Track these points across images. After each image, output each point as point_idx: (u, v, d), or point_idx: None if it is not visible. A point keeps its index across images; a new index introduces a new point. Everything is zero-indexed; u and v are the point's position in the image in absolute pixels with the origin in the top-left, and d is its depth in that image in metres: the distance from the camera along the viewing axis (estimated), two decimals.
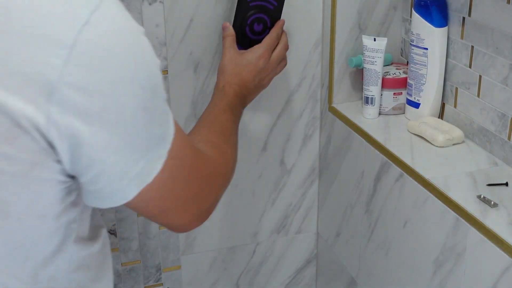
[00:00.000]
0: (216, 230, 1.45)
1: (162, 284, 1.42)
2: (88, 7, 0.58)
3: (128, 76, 0.61)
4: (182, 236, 1.41)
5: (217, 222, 1.44)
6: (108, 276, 0.79)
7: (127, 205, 0.69)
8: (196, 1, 1.23)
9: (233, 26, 1.18)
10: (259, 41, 1.17)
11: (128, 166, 0.65)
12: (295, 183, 1.46)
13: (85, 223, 0.73)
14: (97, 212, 0.77)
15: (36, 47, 0.56)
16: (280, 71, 1.20)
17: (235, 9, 1.20)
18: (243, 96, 1.10)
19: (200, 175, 0.78)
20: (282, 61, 1.19)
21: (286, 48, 1.19)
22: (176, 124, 0.71)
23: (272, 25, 1.19)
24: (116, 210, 1.31)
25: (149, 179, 0.67)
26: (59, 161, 0.62)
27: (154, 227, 1.36)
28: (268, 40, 1.16)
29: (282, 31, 1.19)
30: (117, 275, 1.36)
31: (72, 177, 0.66)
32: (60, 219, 0.68)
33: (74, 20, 0.57)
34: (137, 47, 0.63)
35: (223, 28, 1.17)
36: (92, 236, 0.75)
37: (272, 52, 1.16)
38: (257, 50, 1.14)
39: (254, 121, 1.36)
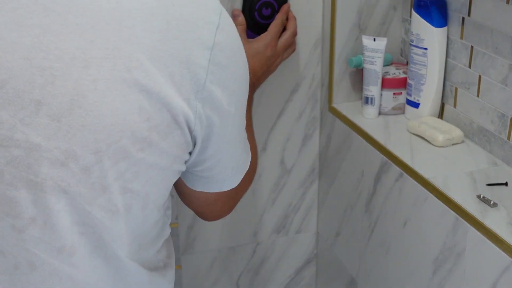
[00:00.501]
0: (216, 230, 1.45)
1: None
2: (216, 11, 0.66)
3: (241, 71, 0.70)
4: (182, 236, 1.41)
5: (217, 222, 1.44)
6: (173, 250, 0.85)
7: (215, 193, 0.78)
8: None
9: (242, 11, 1.21)
10: (268, 25, 1.20)
11: (238, 155, 0.74)
12: (295, 183, 1.46)
13: (171, 208, 0.80)
14: None
15: (191, 50, 0.63)
16: (287, 57, 1.23)
17: None
18: (253, 84, 1.13)
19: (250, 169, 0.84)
20: (290, 47, 1.23)
21: (294, 34, 1.22)
22: None
23: (279, 9, 1.22)
24: None
25: (247, 166, 0.77)
26: (190, 153, 0.69)
27: None
28: (273, 27, 1.19)
29: (291, 17, 1.22)
30: None
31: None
32: (163, 207, 0.74)
33: (210, 24, 0.65)
34: (240, 43, 0.71)
35: (234, 16, 1.20)
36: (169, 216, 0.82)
37: (278, 39, 1.19)
38: (265, 39, 1.17)
39: (254, 121, 1.36)
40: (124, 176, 0.64)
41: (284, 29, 1.22)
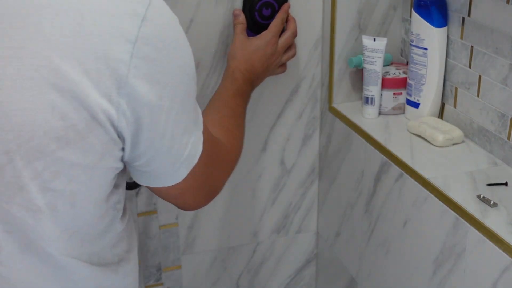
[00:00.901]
0: (216, 230, 1.45)
1: (162, 284, 1.42)
2: (142, 3, 0.62)
3: (178, 64, 0.67)
4: (182, 236, 1.42)
5: (217, 222, 1.44)
6: (135, 244, 0.84)
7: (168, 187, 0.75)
8: (196, 1, 1.23)
9: (242, 11, 1.22)
10: (268, 26, 1.20)
11: (180, 150, 0.71)
12: (295, 183, 1.46)
13: (123, 202, 0.78)
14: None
15: (108, 45, 0.60)
16: (287, 59, 1.23)
17: None
18: (251, 82, 1.13)
19: (216, 159, 0.82)
20: (290, 49, 1.23)
21: (295, 34, 1.22)
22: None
23: (279, 9, 1.22)
24: None
25: (195, 160, 0.73)
26: (122, 149, 0.67)
27: (154, 227, 1.36)
28: (273, 26, 1.19)
29: (291, 18, 1.23)
30: None
31: (123, 161, 0.70)
32: (108, 202, 0.72)
33: (134, 16, 0.62)
34: (180, 36, 0.68)
35: (234, 16, 1.20)
36: (124, 209, 0.80)
37: (279, 38, 1.19)
38: (265, 37, 1.17)
39: (254, 121, 1.36)
40: (42, 176, 0.63)
41: (283, 30, 1.23)
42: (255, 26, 1.22)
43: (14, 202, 0.64)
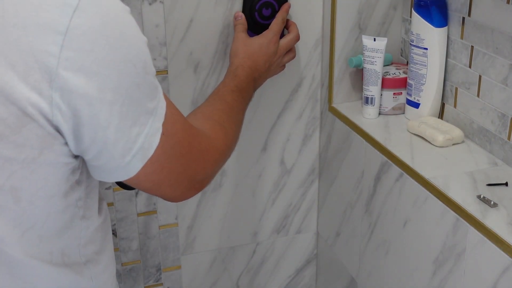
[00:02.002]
0: (216, 230, 1.45)
1: (162, 284, 1.42)
2: None
3: (120, 55, 0.63)
4: (182, 236, 1.41)
5: (217, 222, 1.44)
6: (110, 246, 0.82)
7: (128, 180, 0.72)
8: (196, 1, 1.23)
9: (242, 11, 1.22)
10: (268, 26, 1.21)
11: (129, 143, 0.68)
12: (295, 183, 1.46)
13: (90, 200, 0.76)
14: (97, 185, 0.80)
15: (34, 37, 0.58)
16: (287, 61, 1.23)
17: None
18: (254, 79, 1.13)
19: (192, 151, 0.79)
20: (290, 52, 1.23)
21: (297, 38, 1.23)
22: (167, 99, 0.73)
23: (280, 8, 1.23)
24: (116, 210, 1.31)
25: (150, 153, 0.70)
26: (65, 144, 0.65)
27: (154, 227, 1.36)
28: (274, 25, 1.19)
29: (293, 22, 1.23)
30: (117, 275, 1.36)
31: (76, 157, 0.68)
32: (67, 198, 0.70)
33: (64, 7, 0.59)
34: (125, 26, 0.65)
35: (235, 17, 1.21)
36: (99, 210, 0.78)
37: (280, 37, 1.20)
38: (267, 35, 1.18)
39: (254, 121, 1.36)
40: None
41: (282, 33, 1.23)
42: (255, 26, 1.22)
43: None
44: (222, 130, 0.90)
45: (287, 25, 1.25)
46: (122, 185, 0.88)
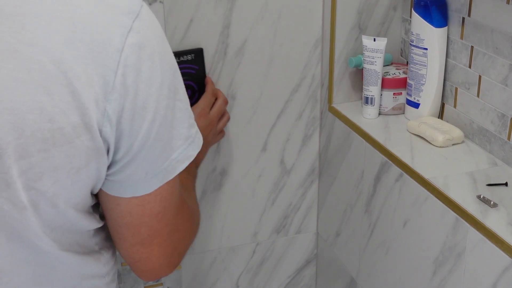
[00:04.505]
0: (216, 230, 1.45)
1: (162, 284, 1.42)
2: (130, 16, 0.66)
3: (162, 78, 0.69)
4: None
5: (217, 222, 1.44)
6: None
7: (138, 201, 0.75)
8: (196, 1, 1.23)
9: None
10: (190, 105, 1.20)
11: (158, 162, 0.72)
12: (295, 183, 1.46)
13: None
14: None
15: (98, 52, 0.64)
16: (223, 126, 1.25)
17: None
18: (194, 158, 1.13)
19: (185, 211, 0.83)
20: (223, 116, 1.25)
21: (226, 102, 1.24)
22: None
23: (200, 87, 1.23)
24: None
25: (170, 176, 0.74)
26: (106, 159, 0.69)
27: None
28: (204, 99, 1.20)
29: (217, 89, 1.25)
30: (117, 275, 1.36)
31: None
32: (87, 209, 0.75)
33: (121, 28, 0.65)
34: (167, 51, 0.71)
35: None
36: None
37: (210, 109, 1.21)
38: (195, 111, 1.17)
39: (254, 121, 1.36)
40: (27, 175, 0.65)
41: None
42: None
43: (2, 196, 0.66)
44: (191, 205, 0.91)
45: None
46: None
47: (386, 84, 1.24)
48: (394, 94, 1.25)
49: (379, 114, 1.26)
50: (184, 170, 1.03)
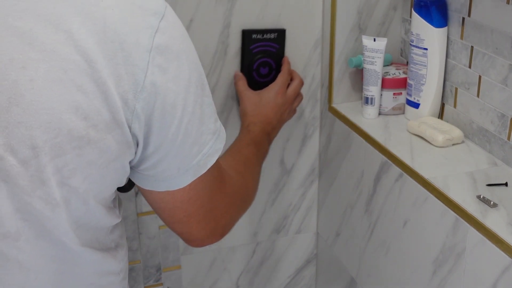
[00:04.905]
0: None
1: (162, 284, 1.42)
2: (157, 16, 0.68)
3: (189, 75, 0.71)
4: None
5: None
6: (124, 230, 0.88)
7: (171, 194, 0.79)
8: (196, 1, 1.23)
9: (241, 71, 1.27)
10: (266, 83, 1.25)
11: (189, 157, 0.75)
12: (295, 183, 1.46)
13: (118, 200, 0.83)
14: None
15: (128, 52, 0.66)
16: (297, 105, 1.28)
17: (240, 56, 1.27)
18: (268, 134, 1.17)
19: (223, 189, 0.85)
20: (298, 96, 1.28)
21: (302, 83, 1.28)
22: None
23: (277, 65, 1.28)
24: None
25: (203, 170, 0.77)
26: (134, 153, 0.72)
27: (154, 227, 1.36)
28: (281, 77, 1.24)
29: (293, 70, 1.29)
30: None
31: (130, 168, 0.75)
32: (111, 203, 0.78)
33: (148, 28, 0.67)
34: (192, 50, 0.73)
35: (235, 76, 1.27)
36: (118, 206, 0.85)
37: (287, 88, 1.25)
38: (274, 88, 1.23)
39: None
40: (62, 172, 0.67)
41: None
42: (255, 85, 1.26)
43: (35, 195, 0.68)
44: (243, 178, 0.96)
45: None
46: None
47: (386, 84, 1.24)
48: (394, 94, 1.25)
49: (379, 114, 1.26)
50: (252, 145, 1.08)
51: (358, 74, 1.32)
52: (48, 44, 0.63)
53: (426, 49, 1.15)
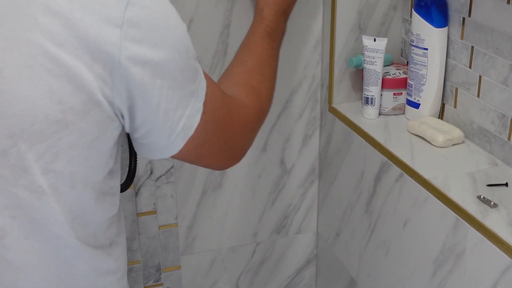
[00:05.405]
0: (216, 230, 1.45)
1: (162, 284, 1.42)
2: None
3: (167, 43, 0.69)
4: (182, 236, 1.41)
5: (217, 222, 1.44)
6: (123, 228, 0.87)
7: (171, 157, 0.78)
8: (196, 1, 1.23)
9: None
10: None
11: (174, 124, 0.73)
12: (295, 183, 1.46)
13: (117, 186, 0.81)
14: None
15: (99, 30, 0.64)
16: None
17: None
18: (284, 12, 1.11)
19: (232, 125, 0.84)
20: None
21: None
22: (207, 77, 0.78)
23: None
24: None
25: (191, 132, 0.75)
26: (117, 127, 0.71)
27: (154, 227, 1.36)
28: None
29: None
30: None
31: (116, 144, 0.74)
32: (104, 186, 0.77)
33: (118, 2, 0.65)
34: (170, 15, 0.71)
35: None
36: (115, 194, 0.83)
37: None
38: None
39: None
40: (44, 158, 0.67)
41: None
42: None
43: (20, 184, 0.68)
44: (257, 95, 0.94)
45: None
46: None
47: (386, 84, 1.24)
48: (394, 94, 1.25)
49: (379, 114, 1.26)
50: (266, 37, 1.04)
51: (358, 74, 1.32)
52: (15, 31, 0.62)
53: (426, 49, 1.15)
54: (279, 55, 1.09)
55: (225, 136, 0.83)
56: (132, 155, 1.14)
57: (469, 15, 1.08)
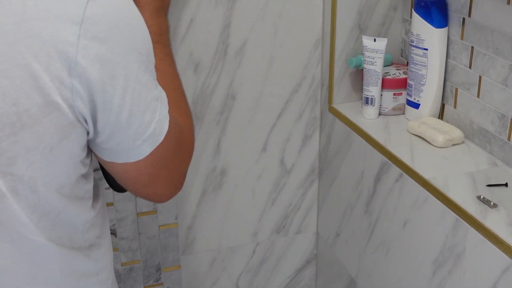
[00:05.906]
0: (216, 230, 1.45)
1: (162, 284, 1.42)
2: None
3: (130, 43, 0.67)
4: (181, 236, 1.41)
5: (217, 222, 1.44)
6: (108, 230, 0.85)
7: (133, 165, 0.74)
8: (196, 1, 1.23)
9: None
10: None
11: (142, 128, 0.70)
12: (295, 183, 1.46)
13: (95, 190, 0.79)
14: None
15: (54, 28, 0.61)
16: None
17: None
18: (160, 8, 1.02)
19: (182, 143, 0.81)
20: None
21: None
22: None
23: None
24: (116, 210, 1.31)
25: (161, 138, 0.72)
26: (82, 133, 0.68)
27: (154, 227, 1.36)
28: None
29: None
30: (117, 275, 1.36)
31: (86, 148, 0.72)
32: (77, 190, 0.74)
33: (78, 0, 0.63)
34: (132, 16, 0.68)
35: None
36: (96, 196, 0.81)
37: None
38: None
39: (254, 121, 1.36)
40: (0, 160, 0.65)
41: None
42: None
43: None
44: (185, 113, 0.90)
45: None
46: (114, 187, 0.88)
47: (386, 84, 1.24)
48: (394, 94, 1.25)
49: (379, 114, 1.26)
50: (167, 57, 0.96)
51: (358, 74, 1.32)
52: None
53: (426, 49, 1.15)
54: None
55: (177, 156, 0.80)
56: None
57: (469, 15, 1.08)
